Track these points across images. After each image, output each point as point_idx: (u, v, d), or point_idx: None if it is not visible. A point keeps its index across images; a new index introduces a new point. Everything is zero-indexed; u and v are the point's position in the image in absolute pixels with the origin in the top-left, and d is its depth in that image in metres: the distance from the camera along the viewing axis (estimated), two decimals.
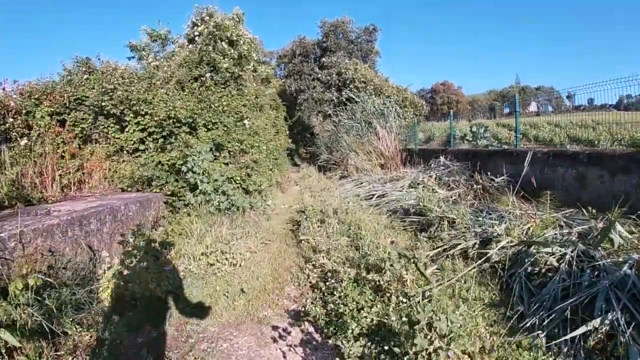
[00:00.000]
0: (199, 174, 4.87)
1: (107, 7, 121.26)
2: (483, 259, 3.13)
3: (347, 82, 18.14)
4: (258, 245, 4.09)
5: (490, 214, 4.73)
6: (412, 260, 2.33)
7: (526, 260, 3.00)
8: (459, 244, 3.27)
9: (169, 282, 2.63)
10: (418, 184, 6.88)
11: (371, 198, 6.58)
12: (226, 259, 3.46)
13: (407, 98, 18.25)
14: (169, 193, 5.09)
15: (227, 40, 11.95)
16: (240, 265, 3.52)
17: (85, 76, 7.89)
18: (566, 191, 5.66)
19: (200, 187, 4.86)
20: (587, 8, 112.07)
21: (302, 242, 3.93)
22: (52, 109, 6.42)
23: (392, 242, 3.72)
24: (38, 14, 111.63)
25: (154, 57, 13.34)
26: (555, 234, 3.61)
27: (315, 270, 3.10)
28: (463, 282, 2.65)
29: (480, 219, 4.13)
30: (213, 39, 11.40)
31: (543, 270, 2.91)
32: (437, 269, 2.71)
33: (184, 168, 4.97)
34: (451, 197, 6.28)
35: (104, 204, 4.19)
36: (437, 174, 7.50)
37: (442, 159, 8.06)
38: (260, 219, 5.31)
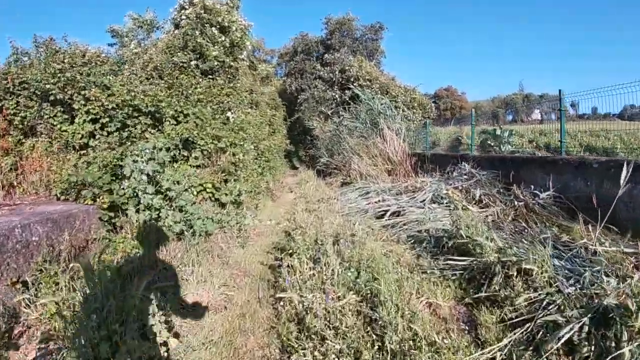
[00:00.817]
0: (140, 181, 3.41)
1: (98, 7, 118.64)
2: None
3: (351, 79, 16.83)
4: (215, 297, 2.58)
5: (557, 249, 3.31)
6: None
7: None
8: (556, 323, 1.82)
9: None
10: (442, 197, 5.44)
11: (382, 215, 5.13)
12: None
13: (415, 99, 16.96)
14: (106, 206, 3.64)
15: (218, 27, 10.54)
16: None
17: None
18: (632, 212, 4.48)
19: (142, 201, 3.41)
20: (587, 6, 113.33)
21: (283, 300, 2.44)
22: None
23: (429, 306, 2.30)
24: (34, 15, 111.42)
25: (137, 44, 11.97)
26: None
27: None
28: None
29: (556, 261, 2.70)
30: (201, 22, 9.95)
31: None
32: None
33: (125, 172, 3.51)
34: (487, 217, 4.86)
35: None
36: (462, 184, 6.09)
37: (466, 166, 6.67)
38: (231, 245, 3.81)
